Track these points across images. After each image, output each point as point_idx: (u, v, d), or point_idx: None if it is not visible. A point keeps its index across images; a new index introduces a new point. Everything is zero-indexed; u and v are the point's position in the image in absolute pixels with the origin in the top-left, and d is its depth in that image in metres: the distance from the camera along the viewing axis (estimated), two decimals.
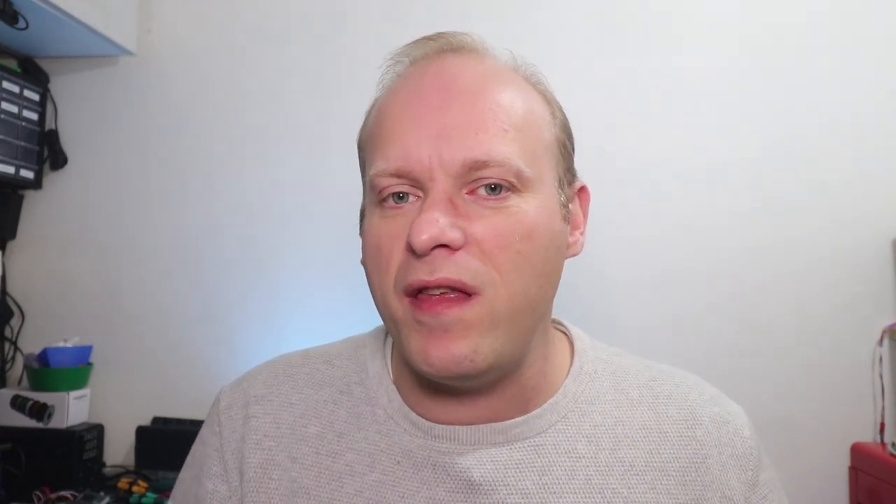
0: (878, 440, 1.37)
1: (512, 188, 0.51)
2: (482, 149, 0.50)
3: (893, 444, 1.30)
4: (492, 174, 0.51)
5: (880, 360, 1.39)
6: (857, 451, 1.37)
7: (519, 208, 0.51)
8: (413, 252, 0.49)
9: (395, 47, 0.60)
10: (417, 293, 0.51)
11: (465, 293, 0.50)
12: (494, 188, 0.51)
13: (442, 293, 0.50)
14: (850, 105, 1.43)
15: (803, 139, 1.44)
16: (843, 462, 1.39)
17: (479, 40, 0.58)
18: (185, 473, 0.65)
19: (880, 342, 1.39)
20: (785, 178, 1.43)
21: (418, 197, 0.52)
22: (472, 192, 0.51)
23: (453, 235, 0.49)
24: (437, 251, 0.49)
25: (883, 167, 1.42)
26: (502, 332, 0.51)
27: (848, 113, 1.43)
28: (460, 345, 0.50)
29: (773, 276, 1.43)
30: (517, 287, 0.51)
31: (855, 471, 1.37)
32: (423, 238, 0.48)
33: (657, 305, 1.45)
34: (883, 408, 1.38)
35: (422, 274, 0.49)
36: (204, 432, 0.64)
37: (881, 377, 1.38)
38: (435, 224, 0.49)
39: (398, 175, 0.52)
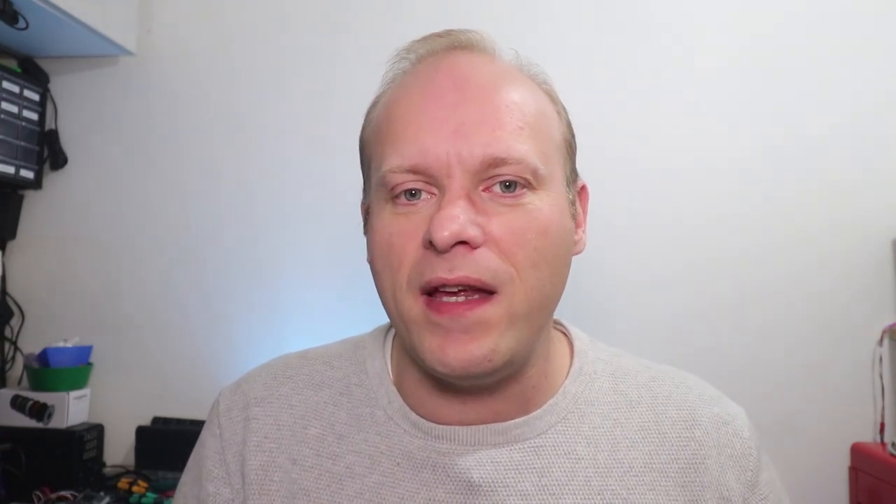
0: (878, 440, 1.37)
1: (527, 185, 0.52)
2: (501, 146, 0.50)
3: (893, 444, 1.30)
4: (509, 171, 0.51)
5: (880, 360, 1.39)
6: (857, 451, 1.37)
7: (534, 206, 0.52)
8: (432, 248, 0.49)
9: (395, 47, 0.59)
10: (434, 291, 0.50)
11: (483, 291, 0.50)
12: (510, 185, 0.51)
13: (460, 290, 0.50)
14: (850, 105, 1.43)
15: (803, 140, 1.43)
16: (843, 462, 1.39)
17: (487, 38, 0.58)
18: (186, 477, 0.64)
19: (880, 342, 1.39)
20: (785, 179, 1.43)
21: (432, 194, 0.52)
22: (487, 190, 0.51)
23: (474, 232, 0.49)
24: (456, 248, 0.49)
25: (883, 167, 1.42)
26: (518, 329, 0.51)
27: (848, 113, 1.43)
28: (479, 345, 0.50)
29: (773, 276, 1.43)
30: (534, 284, 0.51)
31: (855, 471, 1.37)
32: (444, 234, 0.48)
33: (656, 305, 1.45)
34: (883, 408, 1.38)
35: (441, 272, 0.49)
36: (204, 435, 0.64)
37: (881, 377, 1.38)
38: (456, 220, 0.48)
39: (414, 171, 0.51)
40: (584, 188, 0.62)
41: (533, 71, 0.59)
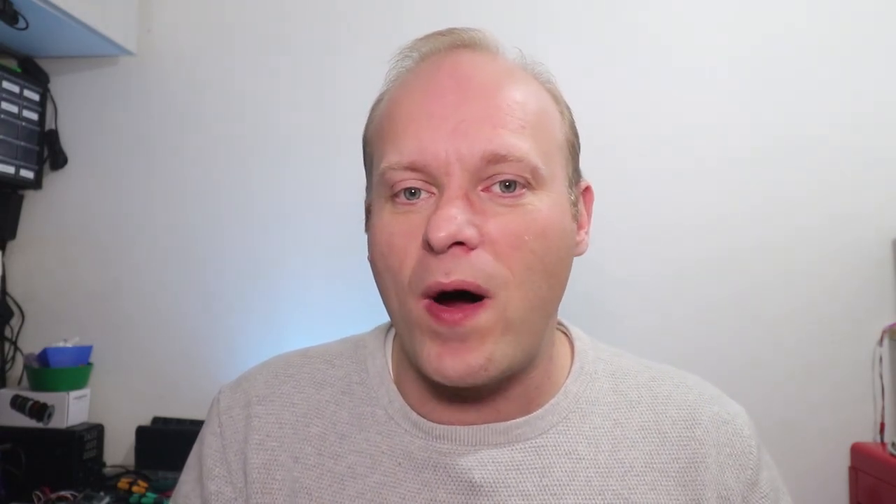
0: (878, 440, 1.37)
1: (527, 185, 0.51)
2: (501, 142, 0.50)
3: (893, 444, 1.30)
4: (509, 169, 0.50)
5: (880, 360, 1.39)
6: (857, 451, 1.37)
7: (533, 206, 0.51)
8: (430, 249, 0.49)
9: (397, 46, 0.59)
10: (435, 295, 0.50)
11: (477, 295, 0.50)
12: (509, 185, 0.51)
13: (458, 294, 0.49)
14: (850, 105, 1.43)
15: (804, 139, 1.44)
16: (843, 462, 1.39)
17: (490, 37, 0.58)
18: (186, 476, 0.64)
19: (880, 342, 1.39)
20: (785, 178, 1.44)
21: (431, 193, 0.51)
22: (486, 189, 0.51)
23: (470, 233, 0.49)
24: (453, 249, 0.49)
25: (883, 167, 1.42)
26: (515, 335, 0.51)
27: (848, 113, 1.43)
28: (476, 355, 0.50)
29: (773, 275, 1.43)
30: (530, 287, 0.51)
31: (855, 471, 1.37)
32: (440, 235, 0.48)
33: (657, 305, 1.45)
34: (883, 408, 1.38)
35: (438, 276, 0.49)
36: (204, 433, 0.64)
37: (881, 377, 1.38)
38: (453, 221, 0.48)
39: (412, 168, 0.51)
40: (588, 189, 0.61)
41: (537, 70, 0.59)
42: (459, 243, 0.49)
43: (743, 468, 0.59)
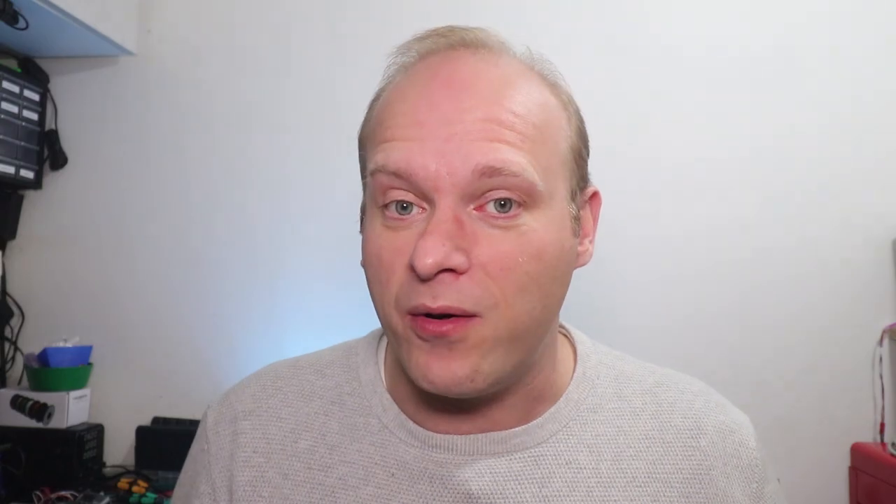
0: (878, 440, 1.37)
1: (523, 204, 0.49)
2: (497, 156, 0.47)
3: (893, 444, 1.30)
4: (504, 185, 0.48)
5: (880, 360, 1.39)
6: (857, 451, 1.37)
7: (529, 227, 0.49)
8: (416, 273, 0.47)
9: (396, 44, 0.58)
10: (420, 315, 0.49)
11: (466, 316, 0.48)
12: (504, 204, 0.48)
13: (444, 316, 0.48)
14: (850, 105, 1.43)
15: (804, 140, 1.43)
16: (843, 462, 1.39)
17: (493, 35, 0.54)
18: (178, 492, 0.63)
19: (880, 342, 1.39)
20: (785, 180, 1.43)
21: (423, 209, 0.49)
22: (479, 209, 0.49)
23: (458, 261, 0.47)
24: (440, 275, 0.47)
25: (883, 167, 1.42)
26: (503, 351, 0.49)
27: (849, 113, 1.43)
28: (462, 364, 0.48)
29: (773, 276, 1.42)
30: (522, 308, 0.49)
31: (855, 471, 1.37)
32: (427, 262, 0.46)
33: (659, 306, 1.45)
34: (883, 408, 1.38)
35: (424, 299, 0.48)
36: (193, 450, 0.63)
37: (881, 377, 1.38)
38: (439, 249, 0.46)
39: (398, 176, 0.49)
40: (595, 195, 0.59)
41: (546, 69, 0.56)
42: (447, 269, 0.47)
43: (749, 481, 0.58)
